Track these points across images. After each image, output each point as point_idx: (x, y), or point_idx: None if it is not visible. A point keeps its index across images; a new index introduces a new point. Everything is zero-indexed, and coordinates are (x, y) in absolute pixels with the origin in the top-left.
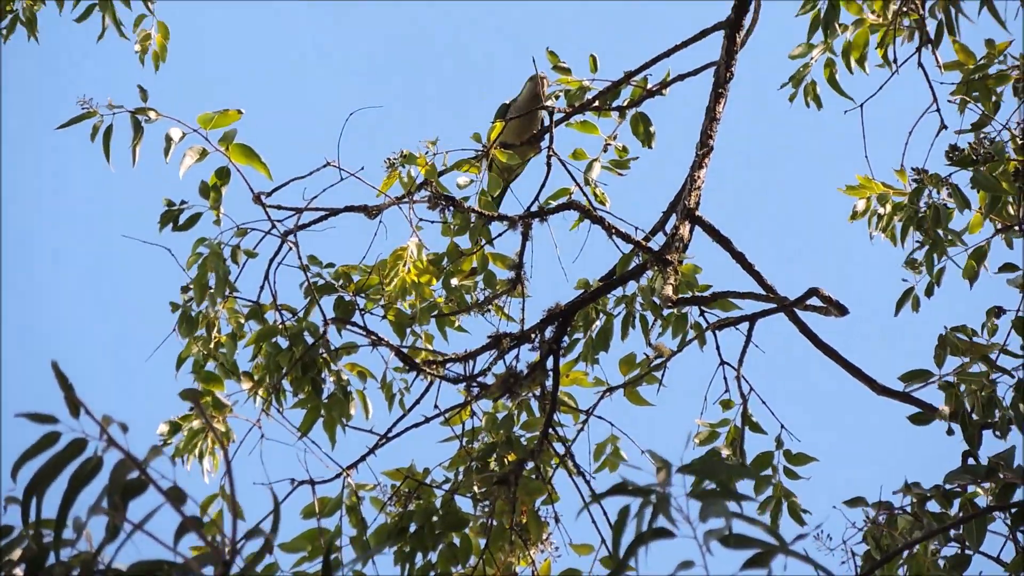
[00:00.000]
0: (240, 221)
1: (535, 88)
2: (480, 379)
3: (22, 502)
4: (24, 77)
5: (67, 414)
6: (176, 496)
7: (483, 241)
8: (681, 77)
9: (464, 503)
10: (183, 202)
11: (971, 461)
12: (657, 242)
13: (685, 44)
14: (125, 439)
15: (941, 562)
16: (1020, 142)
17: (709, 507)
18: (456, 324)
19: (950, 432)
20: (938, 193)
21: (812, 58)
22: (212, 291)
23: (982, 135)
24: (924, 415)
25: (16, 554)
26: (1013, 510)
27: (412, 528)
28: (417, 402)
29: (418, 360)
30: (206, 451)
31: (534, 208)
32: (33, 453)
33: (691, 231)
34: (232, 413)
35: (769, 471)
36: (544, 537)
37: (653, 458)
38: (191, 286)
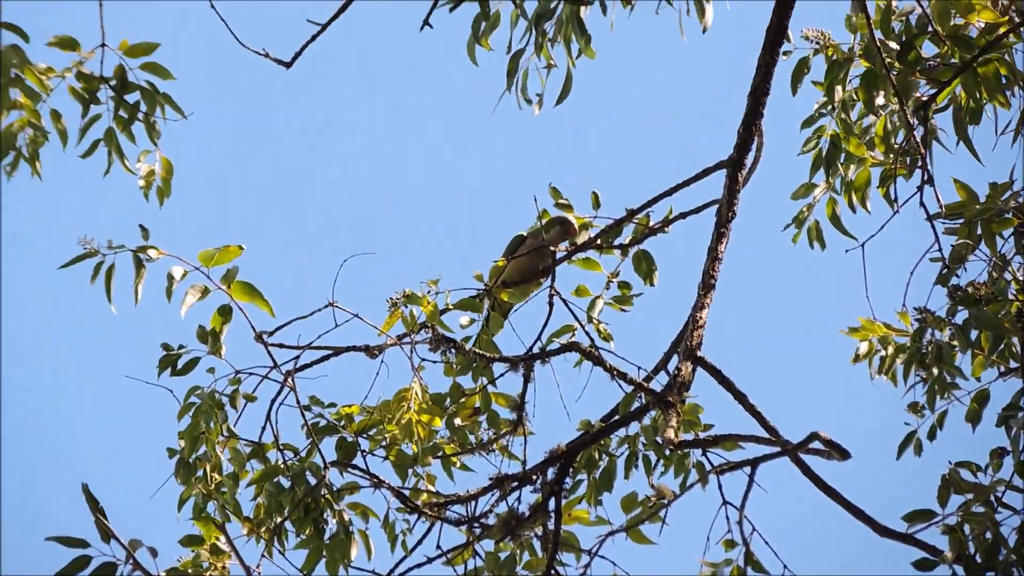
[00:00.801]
0: (242, 358)
1: (564, 235)
2: (482, 520)
3: None
4: (29, 213)
5: (97, 538)
6: None
7: (485, 381)
8: (683, 215)
9: None
10: (181, 347)
11: None
12: (659, 382)
13: (688, 183)
14: (155, 564)
15: None
16: (1021, 282)
17: None
18: (459, 464)
19: None
20: (940, 333)
21: (814, 198)
22: (204, 436)
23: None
24: (928, 561)
25: None
26: None
27: None
28: (419, 543)
29: (420, 501)
30: None
31: (536, 347)
32: None
33: (693, 371)
34: (231, 559)
35: None
36: None
37: None
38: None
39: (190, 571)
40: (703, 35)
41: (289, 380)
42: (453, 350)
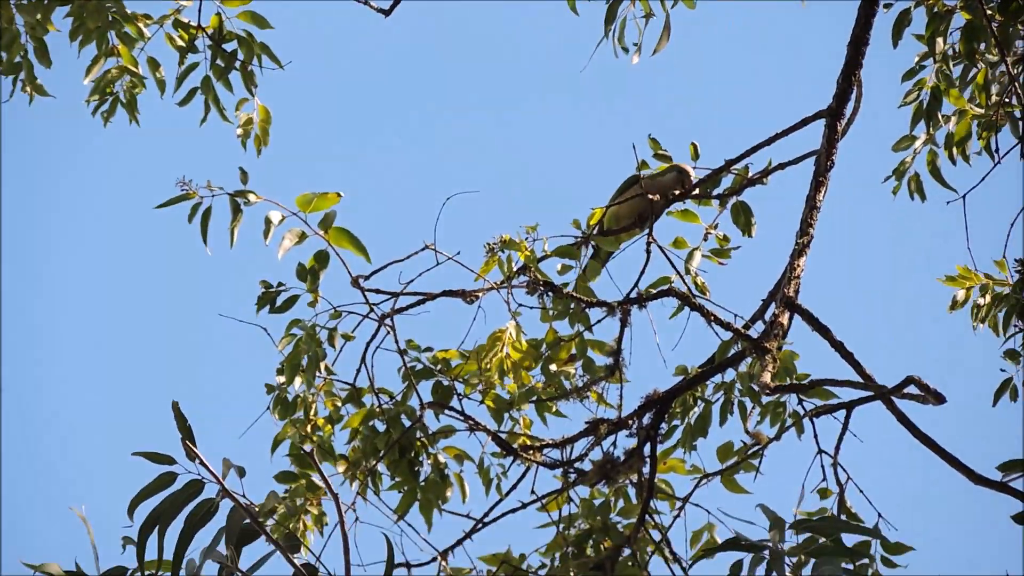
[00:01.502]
0: (338, 303)
1: (679, 182)
2: (577, 465)
3: (138, 539)
4: (125, 158)
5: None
6: (290, 544)
7: (582, 327)
8: (782, 166)
9: None
10: (280, 284)
11: None
12: (756, 330)
13: (786, 132)
14: (242, 484)
15: None
16: None
17: (823, 564)
18: (554, 409)
19: None
20: None
21: (915, 150)
22: (304, 371)
23: None
24: None
25: None
26: None
27: None
28: (514, 487)
29: (515, 445)
30: (299, 532)
31: (633, 295)
32: (150, 492)
33: (790, 319)
34: (326, 496)
35: (866, 560)
36: None
37: (766, 513)
38: (283, 366)
39: (286, 504)
40: None
41: (386, 322)
42: (550, 294)
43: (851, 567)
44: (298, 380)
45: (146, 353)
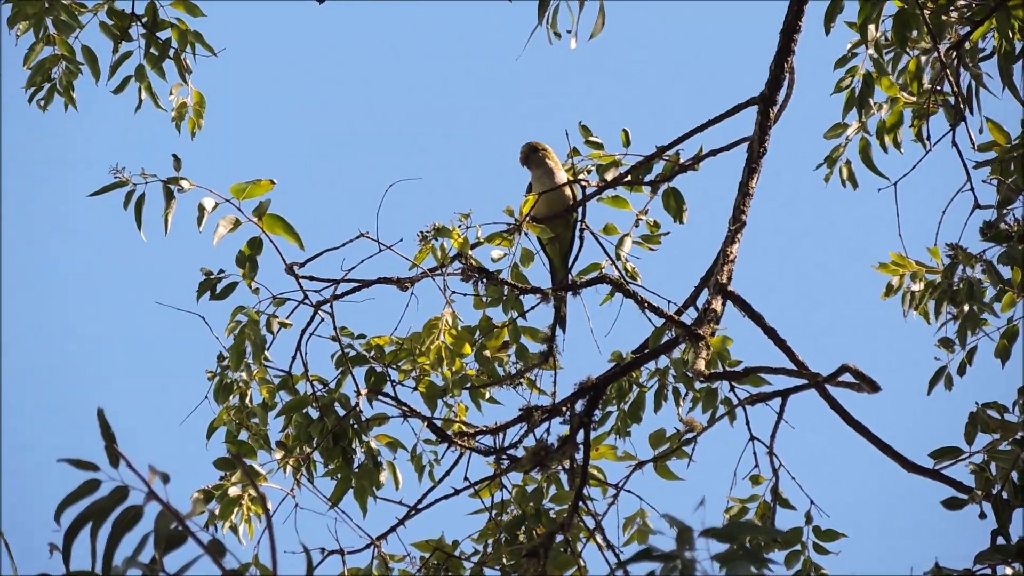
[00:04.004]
0: (273, 290)
1: (522, 156)
2: (510, 452)
3: (63, 547)
4: (62, 144)
5: (107, 463)
6: (216, 549)
7: (515, 314)
8: (714, 152)
9: (493, 575)
10: (221, 271)
11: (1000, 540)
12: (689, 316)
13: (718, 119)
14: (166, 490)
15: None
16: None
17: (734, 570)
18: (488, 396)
19: (982, 516)
20: (971, 270)
21: (847, 138)
22: (248, 360)
23: (1007, 211)
24: (957, 500)
25: None
26: None
27: None
28: (447, 474)
29: (449, 432)
30: (242, 519)
31: (566, 281)
32: (75, 498)
33: (723, 306)
34: (267, 482)
35: (799, 547)
36: None
37: (672, 523)
38: (227, 353)
39: (230, 492)
40: None
41: (322, 309)
42: (484, 281)
43: (764, 570)
44: (242, 367)
45: (82, 339)
